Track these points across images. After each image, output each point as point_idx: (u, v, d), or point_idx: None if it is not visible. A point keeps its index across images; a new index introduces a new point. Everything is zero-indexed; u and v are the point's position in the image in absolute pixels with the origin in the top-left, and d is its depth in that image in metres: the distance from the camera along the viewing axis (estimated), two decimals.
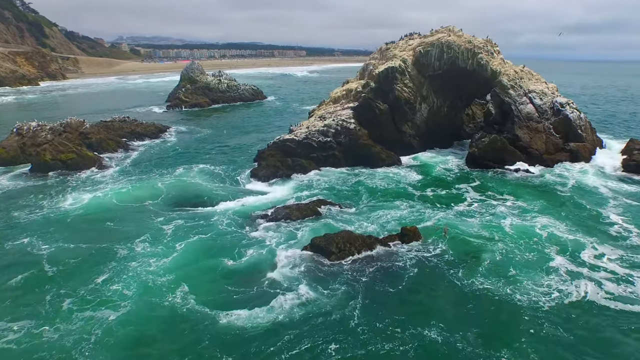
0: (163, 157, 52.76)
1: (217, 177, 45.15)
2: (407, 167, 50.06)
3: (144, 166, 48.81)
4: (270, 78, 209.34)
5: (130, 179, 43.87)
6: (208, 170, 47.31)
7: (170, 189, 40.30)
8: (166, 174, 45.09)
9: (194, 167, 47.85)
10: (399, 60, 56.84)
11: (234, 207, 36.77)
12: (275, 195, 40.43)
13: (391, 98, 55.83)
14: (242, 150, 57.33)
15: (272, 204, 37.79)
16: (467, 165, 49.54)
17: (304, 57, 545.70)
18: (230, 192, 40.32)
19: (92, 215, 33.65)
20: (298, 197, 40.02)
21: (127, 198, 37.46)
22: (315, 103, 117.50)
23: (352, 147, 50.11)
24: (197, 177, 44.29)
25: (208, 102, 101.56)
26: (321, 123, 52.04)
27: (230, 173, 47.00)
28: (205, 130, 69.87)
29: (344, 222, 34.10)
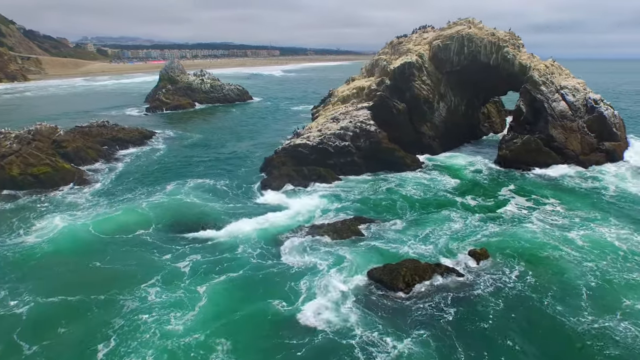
0: (152, 169, 45.26)
1: (221, 193, 38.20)
2: (433, 170, 45.13)
3: (132, 181, 41.25)
4: (248, 78, 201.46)
5: (117, 198, 36.31)
6: (208, 185, 40.15)
7: (167, 211, 32.96)
8: (159, 192, 37.61)
9: (189, 182, 40.54)
10: (414, 55, 51.90)
11: (255, 229, 30.50)
12: (298, 210, 34.43)
13: (408, 96, 50.82)
14: (242, 158, 50.62)
15: (299, 223, 31.91)
16: (497, 167, 45.28)
17: (277, 56, 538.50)
18: (243, 211, 33.93)
19: (71, 252, 26.25)
20: (325, 211, 34.32)
21: (115, 226, 29.93)
22: (305, 103, 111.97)
23: (373, 152, 44.69)
24: (198, 194, 37.15)
25: (191, 103, 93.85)
26: (336, 125, 46.33)
27: (235, 186, 40.20)
28: (194, 135, 62.66)
29: (391, 242, 28.65)
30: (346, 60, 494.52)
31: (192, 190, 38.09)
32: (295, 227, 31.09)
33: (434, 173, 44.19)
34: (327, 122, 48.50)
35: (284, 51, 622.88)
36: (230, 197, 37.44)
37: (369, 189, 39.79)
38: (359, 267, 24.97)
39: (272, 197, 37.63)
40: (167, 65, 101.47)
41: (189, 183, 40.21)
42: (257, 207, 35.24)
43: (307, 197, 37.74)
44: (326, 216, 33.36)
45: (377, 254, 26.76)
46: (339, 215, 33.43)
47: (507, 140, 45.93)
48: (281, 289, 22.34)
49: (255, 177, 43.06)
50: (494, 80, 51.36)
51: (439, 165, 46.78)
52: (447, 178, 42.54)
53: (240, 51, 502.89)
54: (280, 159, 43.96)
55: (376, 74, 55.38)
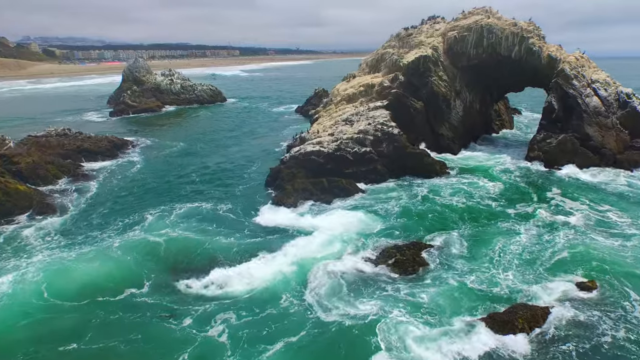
0: (130, 190, 36.46)
1: (222, 221, 30.11)
2: (462, 174, 39.96)
3: (106, 208, 32.25)
4: (213, 79, 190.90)
5: (88, 236, 27.38)
6: (203, 210, 31.85)
7: (159, 253, 24.87)
8: (142, 223, 29.29)
9: (178, 207, 32.23)
10: (428, 48, 46.72)
11: (286, 265, 23.69)
12: (331, 234, 27.73)
13: (425, 94, 45.57)
14: (238, 171, 42.67)
15: (339, 251, 25.45)
16: (528, 167, 41.02)
17: (237, 56, 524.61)
18: (259, 241, 26.80)
19: (25, 337, 17.57)
20: (365, 234, 27.92)
21: (91, 285, 21.40)
22: (285, 103, 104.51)
23: (397, 158, 38.86)
24: (193, 224, 28.97)
25: (160, 105, 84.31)
26: (352, 128, 40.14)
27: (239, 209, 32.33)
28: (174, 143, 54.04)
29: (466, 274, 22.94)
30: (308, 59, 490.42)
31: (185, 219, 29.81)
32: (338, 257, 24.71)
33: (466, 177, 39.05)
34: (339, 124, 42.19)
35: (244, 51, 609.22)
36: (236, 225, 29.43)
37: (402, 199, 33.92)
38: (450, 315, 18.94)
39: (291, 218, 30.71)
40: (130, 64, 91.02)
41: (179, 209, 31.82)
42: (277, 234, 28.07)
43: (334, 215, 31.15)
44: (371, 240, 27.05)
45: (462, 294, 20.86)
46: (383, 239, 27.25)
47: (539, 140, 41.65)
48: (366, 354, 15.90)
49: (261, 194, 35.89)
50: (514, 75, 47.11)
51: (465, 168, 41.74)
52: (482, 182, 37.55)
53: (199, 51, 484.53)
54: (290, 170, 37.15)
55: (383, 70, 49.74)
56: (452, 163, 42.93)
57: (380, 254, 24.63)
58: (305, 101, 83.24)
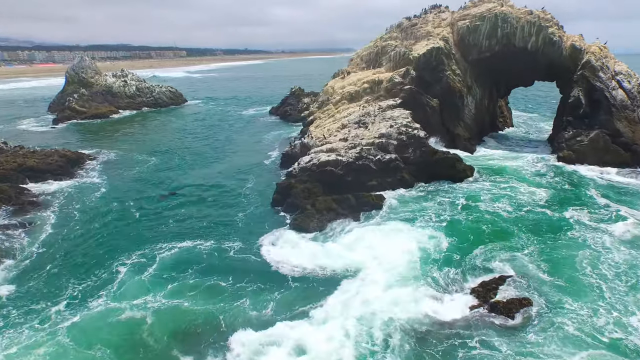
0: (95, 229, 27.05)
1: (226, 264, 22.41)
2: (491, 176, 35.40)
3: (59, 264, 22.66)
4: (164, 80, 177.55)
5: (29, 311, 18.59)
6: (199, 251, 23.78)
7: (143, 339, 16.77)
8: (112, 285, 20.39)
9: (161, 250, 23.77)
10: (438, 40, 41.90)
11: (349, 324, 17.35)
12: (382, 265, 21.97)
13: (438, 90, 40.73)
14: (228, 190, 34.11)
15: (408, 296, 19.41)
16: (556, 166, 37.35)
17: (184, 57, 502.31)
18: (293, 292, 20.21)
19: None
20: (423, 262, 22.23)
21: None
22: (256, 105, 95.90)
23: (426, 165, 33.46)
24: (185, 277, 21.00)
25: (114, 110, 73.55)
26: (370, 132, 34.20)
27: (244, 242, 24.82)
28: (142, 157, 44.65)
29: (580, 315, 17.83)
30: (258, 59, 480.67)
31: (173, 271, 21.46)
32: (412, 304, 18.74)
33: (497, 180, 34.55)
34: (350, 127, 36.10)
35: (191, 52, 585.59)
36: (250, 270, 21.71)
37: (441, 211, 28.80)
38: None
39: (323, 250, 24.17)
40: (75, 65, 78.96)
41: (162, 254, 23.44)
42: (312, 277, 21.35)
43: (375, 239, 25.04)
44: (436, 272, 21.33)
45: (598, 347, 15.61)
46: (448, 268, 21.71)
47: (568, 138, 38.06)
48: None
49: (270, 219, 28.77)
50: (527, 68, 43.45)
51: (491, 169, 37.25)
52: (521, 187, 33.17)
53: (144, 53, 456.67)
54: (304, 184, 30.53)
55: (386, 64, 44.29)
56: (473, 164, 38.34)
57: (463, 293, 19.03)
58: (281, 101, 76.15)
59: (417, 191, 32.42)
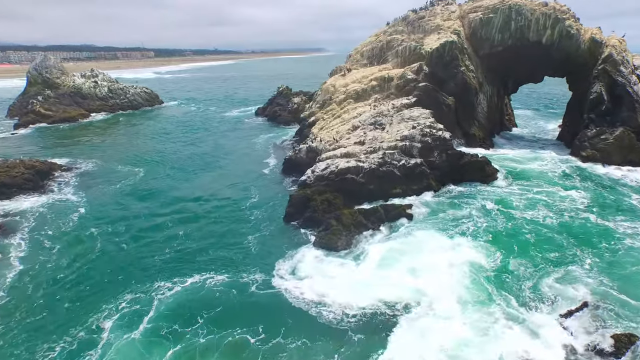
0: (74, 263, 21.94)
1: (242, 306, 18.04)
2: (516, 180, 32.75)
3: (26, 316, 17.67)
4: (135, 81, 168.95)
5: None
6: (207, 291, 19.09)
7: None
8: (96, 348, 15.61)
9: (158, 291, 19.00)
10: (450, 33, 39.04)
11: None
12: (444, 293, 18.63)
13: (452, 87, 37.89)
14: (228, 206, 29.43)
15: (477, 339, 16.04)
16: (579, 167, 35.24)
17: (152, 58, 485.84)
18: (338, 338, 16.50)
19: None
20: (485, 287, 19.03)
21: None
22: (238, 106, 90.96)
23: (452, 169, 30.38)
24: (192, 331, 16.33)
25: (84, 113, 67.06)
26: (390, 135, 30.75)
27: (263, 271, 20.81)
28: (123, 168, 39.12)
29: None
30: (229, 59, 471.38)
31: (176, 322, 16.74)
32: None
33: (526, 184, 32.04)
34: (365, 129, 32.56)
35: (159, 53, 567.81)
36: (286, 314, 17.44)
37: (477, 220, 26.24)
38: None
39: (362, 276, 20.62)
40: (37, 64, 71.66)
41: (160, 296, 18.56)
42: (357, 313, 17.68)
43: (418, 256, 21.78)
44: (510, 295, 18.15)
45: None
46: (516, 291, 18.61)
47: (591, 136, 35.97)
48: None
49: (286, 238, 24.80)
50: (539, 63, 41.25)
51: (513, 171, 34.71)
52: (553, 190, 30.85)
53: (109, 53, 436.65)
54: (323, 195, 26.73)
55: (393, 60, 41.10)
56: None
57: (550, 327, 15.87)
58: (268, 102, 71.74)
59: (444, 197, 29.33)
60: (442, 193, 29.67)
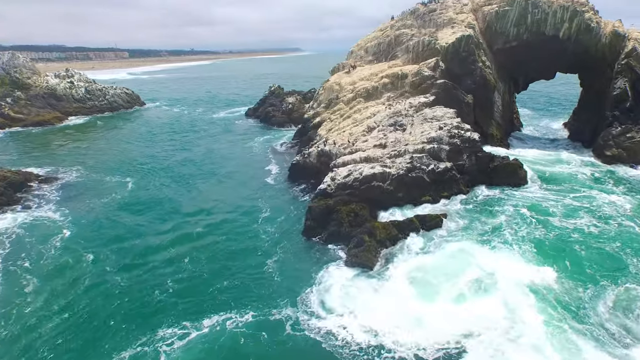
0: (55, 301, 18.21)
1: (290, 355, 15.07)
2: (546, 184, 30.30)
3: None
4: (112, 82, 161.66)
5: None
6: (235, 332, 15.79)
7: None
8: None
9: (165, 338, 15.46)
10: (464, 27, 36.66)
11: None
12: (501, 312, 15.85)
13: (469, 83, 35.49)
14: (237, 221, 25.95)
15: None
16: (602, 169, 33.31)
17: (127, 59, 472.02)
18: None
19: None
20: (562, 314, 16.44)
21: None
22: (223, 107, 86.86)
23: (480, 173, 27.83)
24: None
25: (60, 116, 61.93)
26: (415, 137, 27.94)
27: (296, 310, 17.28)
28: (112, 179, 34.78)
29: None
30: (206, 60, 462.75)
31: None
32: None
33: (557, 188, 29.63)
34: (384, 130, 29.66)
35: (133, 53, 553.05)
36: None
37: (514, 228, 23.91)
38: None
39: (422, 305, 17.73)
40: (5, 62, 65.67)
41: (171, 344, 15.17)
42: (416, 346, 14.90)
43: (466, 273, 19.08)
44: (592, 327, 15.49)
45: None
46: (598, 322, 16.10)
47: (616, 135, 34.17)
48: None
49: (311, 256, 21.75)
50: (554, 58, 39.34)
51: (541, 174, 32.18)
52: (591, 195, 28.49)
53: (81, 54, 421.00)
54: (349, 206, 23.68)
55: (403, 55, 38.42)
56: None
57: None
58: (259, 102, 68.10)
59: (476, 203, 26.70)
60: (472, 199, 27.08)
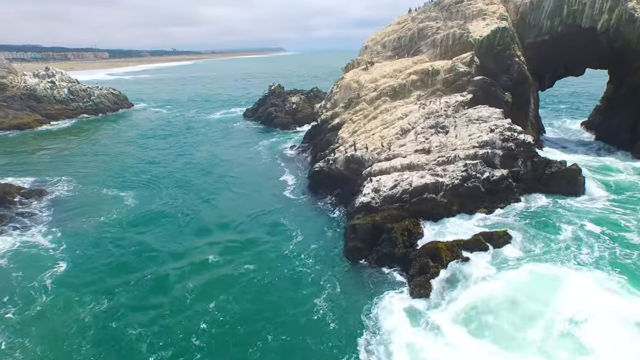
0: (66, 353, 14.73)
1: None
2: (610, 196, 27.18)
3: None
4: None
5: None
6: None
7: None
8: None
9: None
10: (497, 19, 33.63)
11: None
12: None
13: (505, 80, 32.41)
14: (261, 249, 22.02)
15: None
16: None
17: (107, 59, 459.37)
18: None
19: None
20: None
21: None
22: (218, 107, 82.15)
23: (534, 180, 24.67)
24: None
25: (40, 119, 56.73)
26: (462, 140, 24.64)
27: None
28: (104, 191, 30.60)
29: None
30: (189, 60, 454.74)
31: None
32: None
33: (619, 198, 26.31)
34: (424, 133, 26.27)
35: (113, 53, 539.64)
36: None
37: (587, 245, 20.41)
38: None
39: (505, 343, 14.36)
40: None
41: None
42: None
43: (565, 306, 15.73)
44: None
45: None
46: None
47: None
48: None
49: (361, 287, 18.20)
50: (587, 53, 36.61)
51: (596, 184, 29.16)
52: None
53: (59, 54, 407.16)
54: (402, 223, 20.17)
55: (430, 50, 35.15)
56: None
57: None
58: (258, 102, 64.06)
59: (534, 215, 23.38)
60: (528, 210, 23.84)
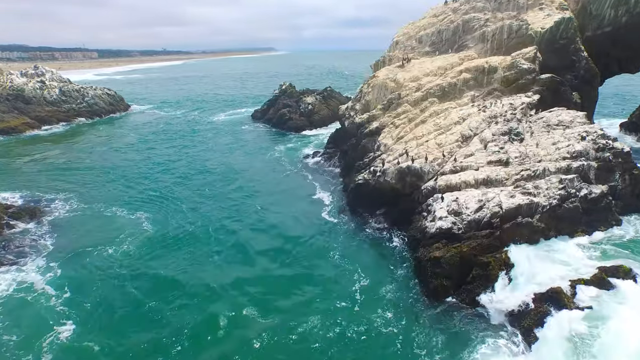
0: None
1: None
2: None
3: None
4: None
5: None
6: None
7: None
8: None
9: None
10: (557, 9, 29.76)
11: None
12: None
13: (570, 78, 28.55)
14: (314, 294, 18.63)
15: None
16: None
17: (97, 59, 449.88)
18: None
19: None
20: None
21: None
22: (221, 108, 77.04)
23: (632, 196, 20.77)
24: None
25: (30, 123, 51.66)
26: (547, 150, 20.59)
27: None
28: (105, 211, 26.14)
29: None
30: (180, 60, 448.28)
31: None
32: None
33: None
34: (494, 140, 22.20)
35: (102, 53, 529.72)
36: None
37: None
38: None
39: None
40: None
41: None
42: None
43: None
44: None
45: None
46: None
47: None
48: None
49: (462, 339, 14.32)
50: None
51: None
52: None
53: (46, 54, 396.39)
54: (499, 256, 16.11)
55: (476, 45, 31.17)
56: None
57: None
58: (268, 103, 59.55)
59: (624, 237, 19.54)
60: (630, 233, 19.94)
